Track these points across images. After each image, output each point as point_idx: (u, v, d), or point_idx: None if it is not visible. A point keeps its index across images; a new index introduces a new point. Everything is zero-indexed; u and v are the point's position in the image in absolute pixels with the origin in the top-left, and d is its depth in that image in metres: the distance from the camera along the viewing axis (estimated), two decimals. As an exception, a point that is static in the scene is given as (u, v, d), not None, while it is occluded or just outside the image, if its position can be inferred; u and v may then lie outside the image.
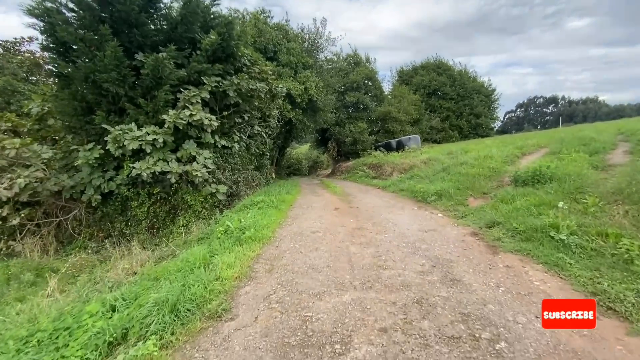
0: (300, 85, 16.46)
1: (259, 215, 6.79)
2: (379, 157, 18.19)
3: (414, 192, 9.08)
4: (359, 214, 7.40)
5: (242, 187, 11.52)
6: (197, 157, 8.21)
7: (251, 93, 9.82)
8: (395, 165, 14.23)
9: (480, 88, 38.32)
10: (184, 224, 8.71)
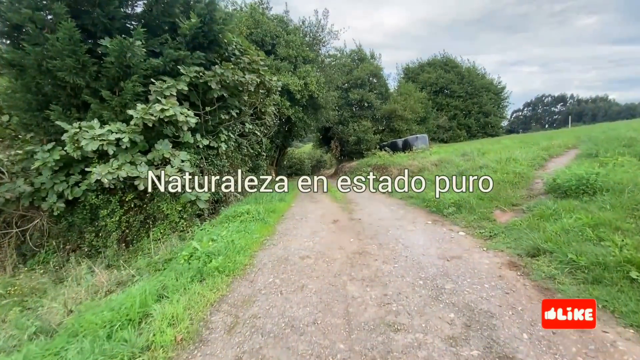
0: (300, 80, 15.12)
1: (238, 232, 5.49)
2: (384, 158, 16.81)
3: (427, 201, 7.71)
4: (362, 229, 6.06)
5: (233, 192, 10.26)
6: (172, 160, 6.93)
7: (239, 86, 8.52)
8: (403, 167, 12.84)
9: (489, 86, 36.67)
10: (157, 238, 7.47)
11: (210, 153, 8.83)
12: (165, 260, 5.54)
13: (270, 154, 17.27)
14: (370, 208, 8.22)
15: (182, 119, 6.69)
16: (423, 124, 28.94)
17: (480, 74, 37.45)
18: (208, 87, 7.84)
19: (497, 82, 37.98)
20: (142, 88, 6.91)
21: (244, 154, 11.45)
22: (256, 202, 8.47)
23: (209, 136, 8.74)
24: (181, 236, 7.23)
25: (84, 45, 6.33)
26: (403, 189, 10.06)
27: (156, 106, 6.49)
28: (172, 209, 7.55)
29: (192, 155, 7.82)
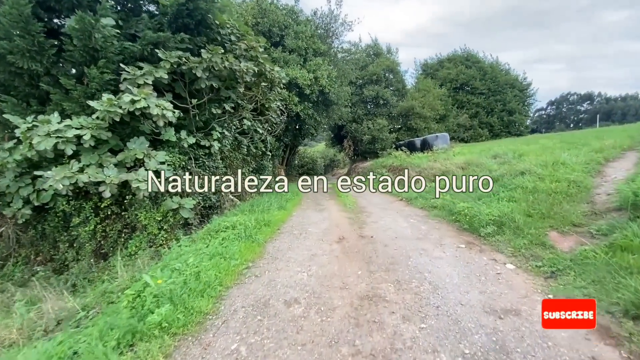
0: (310, 74, 13.75)
1: (212, 257, 4.19)
2: (400, 159, 15.26)
3: (455, 215, 6.20)
4: (374, 253, 4.65)
5: (230, 197, 9.04)
6: (146, 161, 5.73)
7: (233, 75, 7.25)
8: (422, 170, 11.29)
9: (514, 82, 34.26)
10: (132, 252, 6.30)
11: (201, 153, 7.61)
12: (123, 289, 4.32)
13: (277, 153, 16.02)
14: (385, 220, 6.78)
15: (157, 113, 5.46)
16: (442, 122, 27.04)
17: (504, 70, 35.02)
18: (196, 77, 6.61)
19: (522, 79, 35.45)
20: (112, 76, 5.73)
21: (244, 154, 10.22)
22: (251, 211, 7.20)
23: (199, 134, 7.53)
24: (159, 251, 6.06)
25: (37, 23, 5.19)
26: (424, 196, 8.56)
27: (125, 97, 5.28)
28: (151, 219, 6.37)
29: (175, 156, 6.62)
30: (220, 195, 8.19)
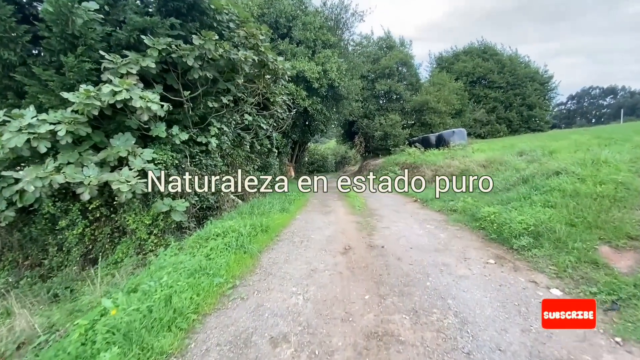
0: (318, 66, 12.98)
1: (192, 274, 3.54)
2: (414, 156, 14.34)
3: (479, 221, 5.38)
4: (385, 270, 3.90)
5: (231, 197, 8.43)
6: (131, 160, 5.13)
7: (230, 65, 6.58)
8: (439, 168, 10.39)
9: (534, 75, 32.45)
10: (118, 259, 5.76)
11: (197, 150, 6.99)
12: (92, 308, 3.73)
13: (285, 150, 15.35)
14: (397, 225, 6.00)
15: (140, 105, 4.84)
16: (458, 118, 25.78)
17: (523, 63, 33.23)
18: (189, 67, 5.96)
19: (543, 71, 33.57)
20: (94, 65, 5.14)
21: (247, 151, 9.58)
22: (250, 214, 6.54)
23: (195, 129, 6.91)
24: (146, 259, 5.49)
25: (8, 6, 4.62)
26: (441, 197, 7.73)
27: (105, 88, 4.67)
28: (139, 223, 5.80)
29: (167, 154, 6.01)
30: (219, 196, 7.57)
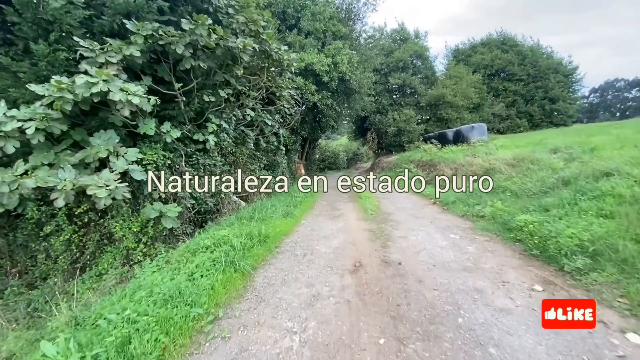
0: (328, 58, 12.16)
1: (166, 301, 2.87)
2: (431, 153, 13.38)
3: (514, 231, 4.52)
4: (404, 300, 3.12)
5: (233, 198, 7.79)
6: (112, 161, 4.51)
7: (228, 54, 5.89)
8: (459, 167, 9.46)
9: (557, 66, 30.58)
10: (102, 271, 5.19)
11: (193, 149, 6.36)
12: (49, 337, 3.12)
13: (294, 147, 14.62)
14: (416, 234, 5.19)
15: (120, 99, 4.20)
16: (476, 112, 24.47)
17: (545, 54, 31.35)
18: (181, 56, 5.30)
19: (567, 62, 31.59)
20: (69, 54, 4.53)
21: (252, 149, 8.92)
22: (250, 218, 5.87)
23: (191, 126, 6.27)
24: (133, 270, 4.89)
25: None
26: (464, 200, 6.86)
27: (78, 79, 4.05)
28: (127, 229, 5.21)
29: (157, 153, 5.38)
30: (219, 198, 6.93)
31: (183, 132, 5.86)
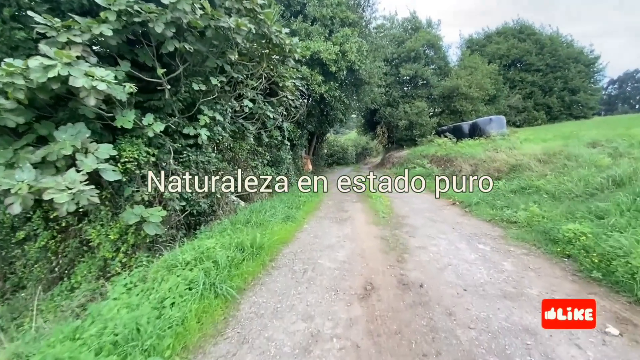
0: (335, 46, 11.26)
1: (113, 349, 2.16)
2: (446, 147, 12.41)
3: (561, 244, 3.67)
4: (432, 344, 2.34)
5: (231, 198, 7.09)
6: (79, 159, 3.82)
7: (220, 35, 5.11)
8: (480, 163, 8.52)
9: (578, 56, 28.81)
10: (75, 285, 4.55)
11: (184, 144, 5.65)
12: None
13: (300, 142, 13.84)
14: (438, 243, 4.37)
15: (83, 85, 3.48)
16: (492, 104, 23.17)
17: (565, 42, 29.57)
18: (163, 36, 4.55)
19: (588, 52, 29.75)
20: (29, 34, 3.84)
21: (252, 144, 8.18)
22: (246, 223, 5.15)
23: (181, 118, 5.55)
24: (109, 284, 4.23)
25: None
26: (488, 201, 5.99)
27: (32, 62, 3.34)
28: (104, 236, 4.55)
29: (139, 149, 4.68)
30: (214, 198, 6.22)
31: (169, 126, 5.14)
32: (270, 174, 9.14)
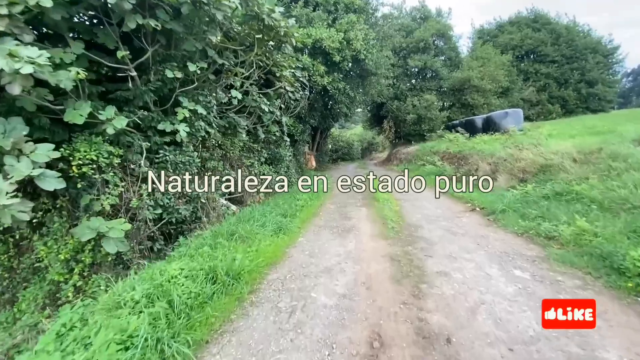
0: (339, 33, 10.26)
1: None
2: (459, 142, 11.40)
3: (633, 277, 2.74)
4: None
5: (220, 202, 6.26)
6: (9, 163, 2.99)
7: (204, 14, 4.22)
8: (500, 161, 7.53)
9: (596, 46, 27.18)
10: (15, 317, 3.78)
11: (160, 142, 4.80)
12: None
13: (302, 137, 12.91)
14: (462, 269, 3.47)
15: (2, 68, 2.64)
16: (504, 97, 21.89)
17: (582, 32, 27.92)
18: (123, 9, 3.67)
19: (606, 42, 28.08)
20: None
21: (244, 140, 7.33)
22: (230, 235, 4.30)
23: (156, 112, 4.69)
24: (57, 314, 3.43)
25: None
26: (519, 209, 5.04)
27: None
28: (54, 256, 3.75)
29: (99, 149, 3.83)
30: (197, 204, 5.38)
31: (138, 120, 4.29)
32: (268, 173, 8.29)
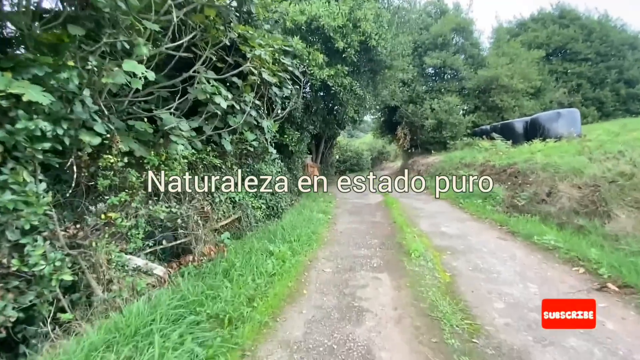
0: (344, 7, 7.61)
1: None
2: (503, 152, 8.47)
3: None
4: None
5: (133, 264, 3.54)
6: None
7: None
8: (601, 184, 4.61)
9: (634, 41, 23.84)
10: None
11: None
12: None
13: (300, 148, 10.18)
14: None
15: None
16: (535, 99, 18.76)
17: (618, 27, 24.67)
18: None
19: (644, 37, 24.69)
20: None
21: (207, 152, 4.64)
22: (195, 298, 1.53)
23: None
24: None
25: None
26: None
27: None
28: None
29: None
30: (76, 273, 2.61)
31: None
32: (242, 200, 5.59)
